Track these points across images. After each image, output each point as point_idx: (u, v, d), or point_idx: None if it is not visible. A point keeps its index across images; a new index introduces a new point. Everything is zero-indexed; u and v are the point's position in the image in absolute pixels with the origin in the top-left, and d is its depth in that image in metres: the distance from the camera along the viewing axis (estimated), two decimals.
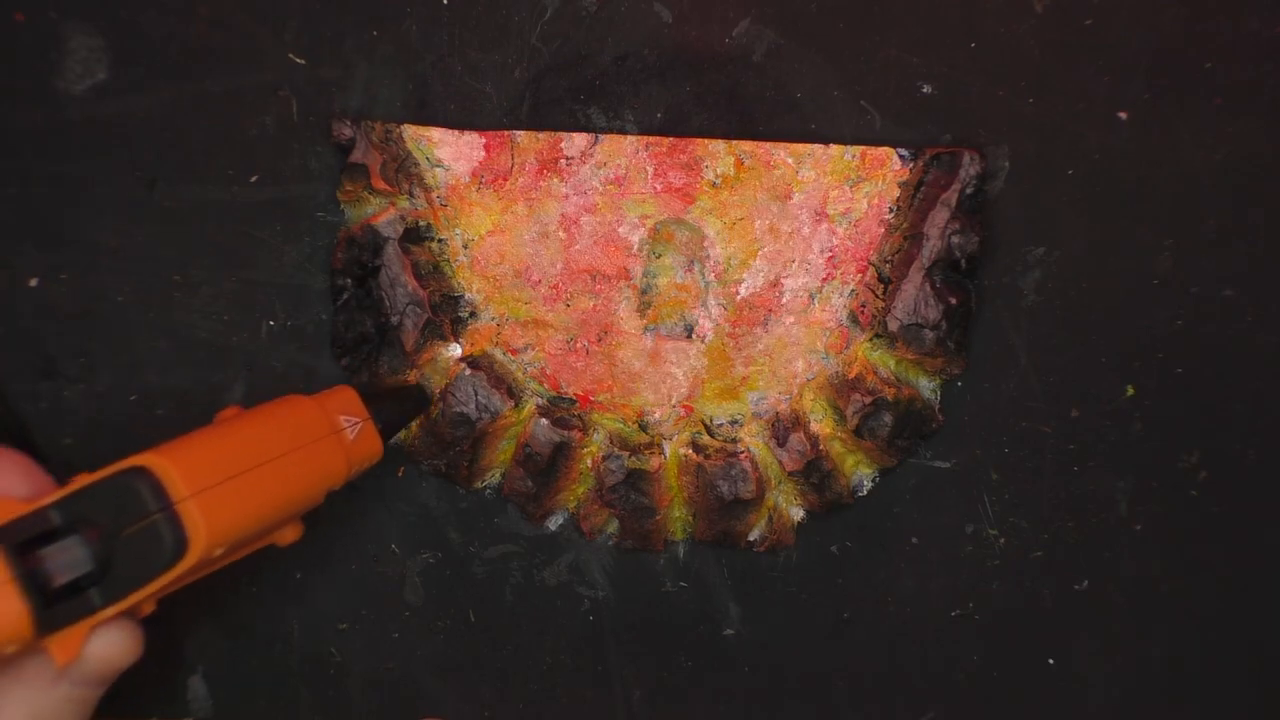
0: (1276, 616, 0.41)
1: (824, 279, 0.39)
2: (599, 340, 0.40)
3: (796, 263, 0.39)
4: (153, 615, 0.33)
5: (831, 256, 0.39)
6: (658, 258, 0.40)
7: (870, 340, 0.39)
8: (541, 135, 0.39)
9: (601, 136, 0.39)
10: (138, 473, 0.31)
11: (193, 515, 0.31)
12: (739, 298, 0.39)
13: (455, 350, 0.40)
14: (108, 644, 0.31)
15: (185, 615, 0.38)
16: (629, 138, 0.39)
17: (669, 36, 0.39)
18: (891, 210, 0.39)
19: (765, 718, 0.41)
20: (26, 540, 0.30)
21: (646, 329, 0.40)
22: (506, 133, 0.39)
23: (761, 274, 0.39)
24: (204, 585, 0.34)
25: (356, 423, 0.35)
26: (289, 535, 0.35)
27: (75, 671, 0.31)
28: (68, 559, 0.30)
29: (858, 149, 0.39)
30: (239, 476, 0.32)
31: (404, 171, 0.39)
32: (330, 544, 0.40)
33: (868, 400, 0.39)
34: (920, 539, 0.40)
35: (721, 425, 0.40)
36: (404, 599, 0.41)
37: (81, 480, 0.31)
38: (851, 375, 0.39)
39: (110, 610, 0.31)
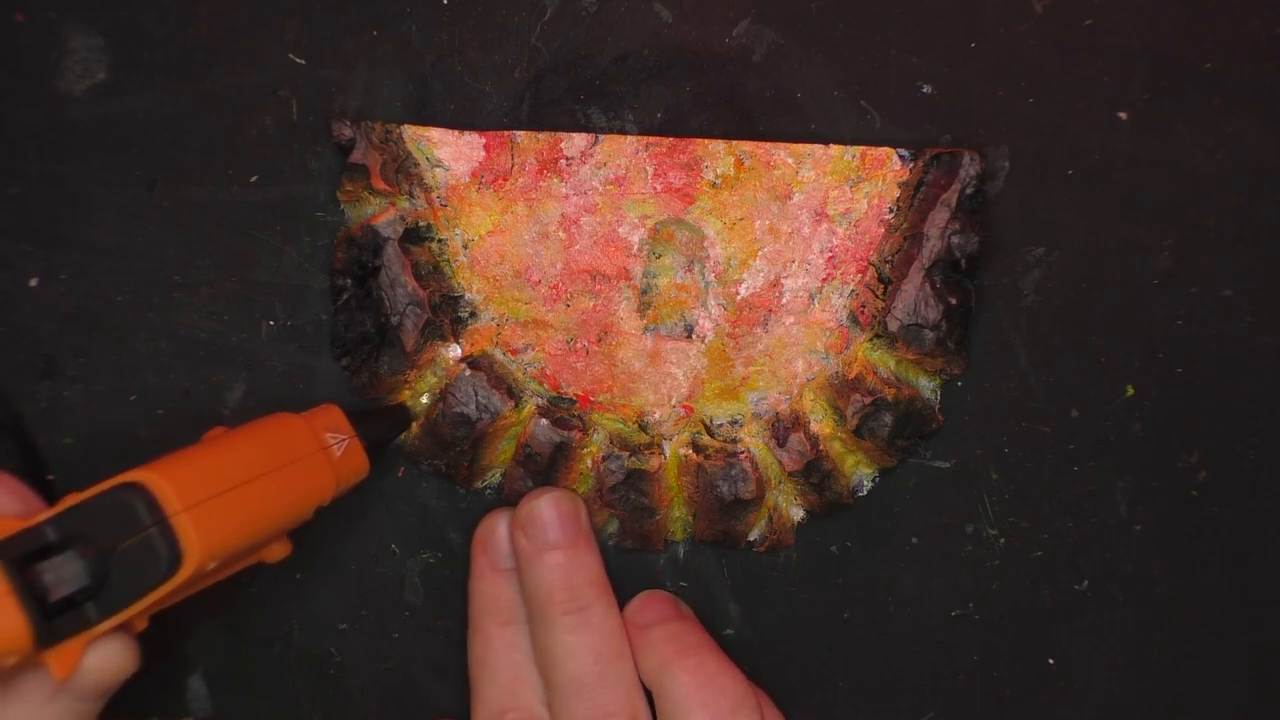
0: (1276, 616, 0.41)
1: (824, 279, 0.39)
2: (599, 340, 0.40)
3: (796, 263, 0.39)
4: (149, 623, 0.33)
5: (831, 256, 0.39)
6: (658, 258, 0.40)
7: (870, 340, 0.39)
8: (541, 135, 0.39)
9: (601, 136, 0.39)
10: (131, 488, 0.31)
11: (186, 529, 0.31)
12: (739, 298, 0.39)
13: (455, 350, 0.40)
14: (105, 657, 0.31)
15: (185, 615, 0.38)
16: (629, 138, 0.39)
17: (669, 36, 0.39)
18: (891, 210, 0.39)
19: None
20: (23, 556, 0.30)
21: (646, 329, 0.40)
22: (506, 133, 0.39)
23: (761, 274, 0.39)
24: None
25: (343, 440, 0.36)
26: (277, 552, 0.35)
27: (73, 685, 0.31)
28: (64, 574, 0.30)
29: (858, 149, 0.39)
30: (231, 491, 0.32)
31: (404, 172, 0.39)
32: (330, 544, 0.40)
33: (868, 400, 0.39)
34: (920, 539, 0.40)
35: (721, 425, 0.40)
36: (404, 599, 0.41)
37: (74, 498, 0.31)
38: (851, 375, 0.39)
39: (107, 624, 0.31)
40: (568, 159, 0.39)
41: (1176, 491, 0.40)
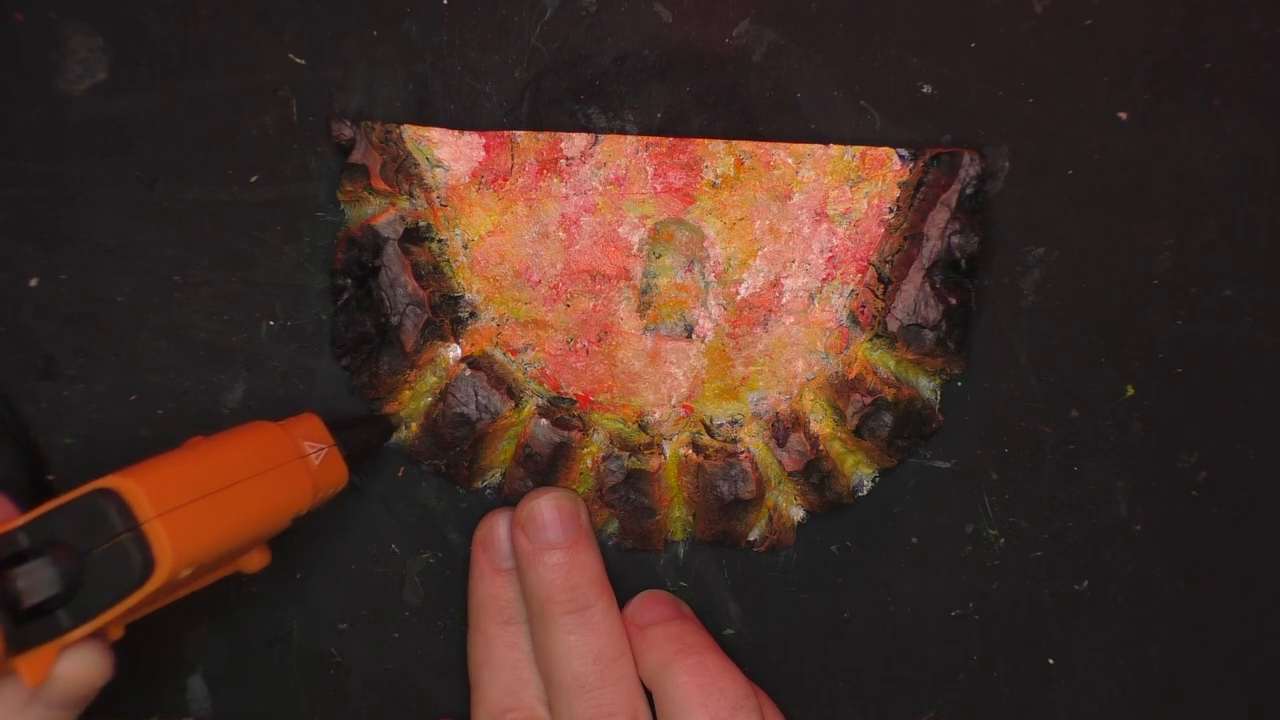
0: (1276, 617, 0.41)
1: (824, 279, 0.39)
2: (599, 340, 0.40)
3: (796, 263, 0.39)
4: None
5: (831, 256, 0.39)
6: (658, 258, 0.40)
7: (870, 340, 0.39)
8: (541, 135, 0.39)
9: (601, 136, 0.39)
10: (104, 494, 0.31)
11: (159, 535, 0.31)
12: (739, 298, 0.39)
13: (455, 350, 0.40)
14: (78, 665, 0.31)
15: (185, 615, 0.38)
16: (629, 138, 0.39)
17: (669, 36, 0.39)
18: (891, 210, 0.39)
19: None
20: None
21: (646, 329, 0.40)
22: (506, 133, 0.39)
23: (761, 274, 0.39)
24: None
25: (321, 449, 0.36)
26: (256, 562, 0.35)
27: (46, 693, 0.31)
28: (36, 580, 0.30)
29: (858, 149, 0.39)
30: (206, 498, 0.32)
31: (404, 172, 0.39)
32: (330, 544, 0.40)
33: (868, 400, 0.39)
34: (920, 539, 0.40)
35: (721, 425, 0.40)
36: (404, 599, 0.41)
37: (48, 504, 0.31)
38: (851, 375, 0.39)
39: (79, 631, 0.31)
40: (568, 159, 0.39)
41: (1176, 491, 0.40)
